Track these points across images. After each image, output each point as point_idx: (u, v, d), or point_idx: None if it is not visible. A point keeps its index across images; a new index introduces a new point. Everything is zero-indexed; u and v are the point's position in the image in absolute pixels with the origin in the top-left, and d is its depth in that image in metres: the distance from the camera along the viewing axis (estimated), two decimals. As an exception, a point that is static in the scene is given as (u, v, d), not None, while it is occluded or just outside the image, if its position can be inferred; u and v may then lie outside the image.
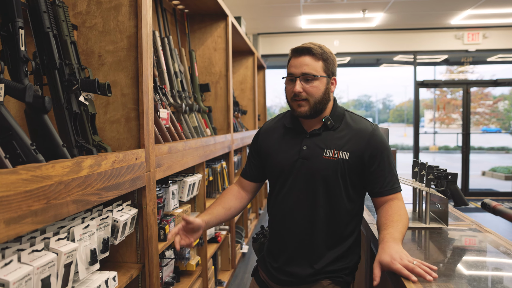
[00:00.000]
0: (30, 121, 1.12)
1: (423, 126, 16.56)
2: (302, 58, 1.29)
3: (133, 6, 1.45)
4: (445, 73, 8.14)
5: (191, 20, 3.13)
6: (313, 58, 1.29)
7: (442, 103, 14.16)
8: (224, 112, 3.22)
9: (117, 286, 1.29)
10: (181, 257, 2.10)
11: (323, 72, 1.29)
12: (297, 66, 1.29)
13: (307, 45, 1.29)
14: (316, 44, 1.31)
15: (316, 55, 1.29)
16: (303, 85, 1.28)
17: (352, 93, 22.47)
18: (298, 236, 1.32)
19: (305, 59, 1.28)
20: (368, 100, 24.70)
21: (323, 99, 1.29)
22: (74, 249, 1.03)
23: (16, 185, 0.78)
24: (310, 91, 1.28)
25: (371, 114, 24.68)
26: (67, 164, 0.96)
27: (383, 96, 24.02)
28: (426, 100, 16.66)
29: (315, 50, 1.28)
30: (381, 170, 1.28)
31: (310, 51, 1.28)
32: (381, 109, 25.32)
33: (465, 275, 1.03)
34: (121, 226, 1.32)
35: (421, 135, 6.41)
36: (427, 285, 0.95)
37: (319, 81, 1.29)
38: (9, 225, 0.76)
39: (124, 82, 1.47)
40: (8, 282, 0.78)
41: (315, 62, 1.29)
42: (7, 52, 1.07)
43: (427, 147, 16.25)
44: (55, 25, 1.26)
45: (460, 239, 1.38)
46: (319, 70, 1.28)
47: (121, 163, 1.26)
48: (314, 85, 1.28)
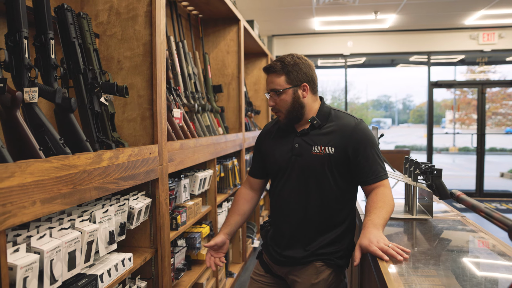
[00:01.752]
0: (58, 119, 1.29)
1: (444, 127, 16.31)
2: (269, 76, 1.47)
3: (148, 16, 1.62)
4: (466, 73, 8.09)
5: (205, 25, 3.29)
6: (275, 75, 1.45)
7: (462, 104, 13.94)
8: (236, 112, 3.37)
9: (132, 266, 1.46)
10: (192, 246, 2.26)
11: (287, 85, 1.43)
12: (267, 83, 1.48)
13: (271, 64, 1.45)
14: (281, 59, 1.44)
15: (277, 72, 1.44)
16: (274, 99, 1.45)
17: (371, 93, 22.17)
18: (294, 223, 1.46)
19: (271, 77, 1.46)
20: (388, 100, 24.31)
21: (293, 107, 1.44)
22: (95, 229, 1.19)
23: (49, 171, 0.95)
24: (279, 103, 1.45)
25: (390, 115, 24.25)
26: (90, 156, 1.13)
27: (403, 96, 23.58)
28: (448, 101, 16.42)
29: (276, 67, 1.43)
30: (365, 160, 1.40)
31: (272, 68, 1.44)
32: (400, 110, 24.87)
33: (434, 254, 1.14)
34: (136, 213, 1.48)
35: (442, 135, 6.41)
36: (397, 263, 1.10)
37: (285, 93, 1.44)
38: (44, 204, 0.93)
39: (140, 85, 1.63)
40: (42, 251, 0.95)
41: (278, 77, 1.44)
42: (40, 60, 1.25)
43: (447, 148, 16.00)
44: (80, 35, 1.43)
45: (440, 227, 1.50)
46: (282, 84, 1.44)
47: (137, 157, 1.43)
48: (281, 98, 1.44)
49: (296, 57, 1.45)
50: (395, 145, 16.56)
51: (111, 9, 1.64)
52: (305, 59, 1.47)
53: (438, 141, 16.00)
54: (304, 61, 1.46)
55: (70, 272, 1.09)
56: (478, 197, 6.53)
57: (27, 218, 0.87)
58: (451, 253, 1.19)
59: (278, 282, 1.58)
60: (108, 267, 1.31)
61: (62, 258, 1.04)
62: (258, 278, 1.61)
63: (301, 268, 1.47)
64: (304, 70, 1.45)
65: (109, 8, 1.64)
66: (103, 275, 1.26)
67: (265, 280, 1.59)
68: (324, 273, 1.44)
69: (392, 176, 1.63)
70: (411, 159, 1.66)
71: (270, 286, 1.59)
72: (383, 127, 23.44)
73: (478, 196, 6.54)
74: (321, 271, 1.44)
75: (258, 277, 1.62)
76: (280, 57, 1.46)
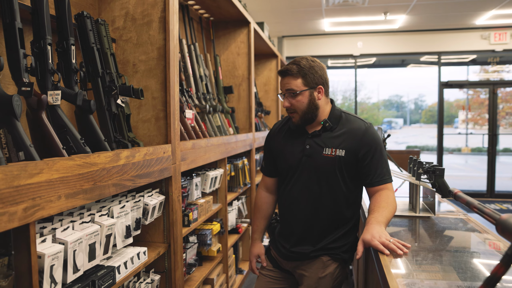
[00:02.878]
0: (79, 120, 1.37)
1: (457, 127, 16.13)
2: (285, 78, 1.51)
3: (162, 22, 1.69)
4: (479, 73, 8.03)
5: (216, 27, 3.37)
6: (292, 77, 1.49)
7: (476, 104, 13.79)
8: (246, 113, 3.44)
9: (147, 259, 1.54)
10: (203, 243, 2.33)
11: (304, 87, 1.49)
12: (282, 85, 1.53)
13: (286, 67, 1.50)
14: (296, 62, 1.50)
15: (294, 74, 1.49)
16: (290, 100, 1.50)
17: (382, 93, 21.90)
18: (303, 221, 1.52)
19: (287, 79, 1.51)
20: (400, 100, 23.99)
21: (309, 109, 1.50)
22: (113, 223, 1.27)
23: (72, 168, 1.03)
24: (296, 104, 1.50)
25: (402, 115, 23.97)
26: (109, 155, 1.21)
27: (415, 96, 23.27)
28: (461, 100, 16.23)
29: (293, 70, 1.49)
30: (373, 164, 1.46)
31: (288, 71, 1.49)
32: (412, 110, 24.53)
33: (432, 249, 1.19)
34: (151, 209, 1.56)
35: (454, 136, 6.38)
36: (397, 257, 1.16)
37: (301, 95, 1.49)
38: (68, 199, 1.01)
39: (154, 87, 1.71)
40: (67, 242, 1.03)
41: (295, 80, 1.49)
42: (62, 64, 1.33)
43: (459, 149, 15.82)
44: (98, 40, 1.52)
45: (441, 225, 1.55)
46: (299, 86, 1.49)
47: (151, 156, 1.50)
48: (298, 99, 1.49)
49: (311, 60, 1.52)
50: (406, 145, 16.43)
51: (127, 15, 1.72)
52: (318, 62, 1.53)
53: (451, 142, 15.82)
54: (318, 64, 1.52)
55: (91, 262, 1.16)
56: (489, 198, 6.49)
57: (53, 211, 0.95)
58: (449, 249, 1.24)
59: (286, 276, 1.64)
60: (125, 260, 1.38)
61: (84, 249, 1.12)
62: (267, 273, 1.68)
63: (309, 263, 1.53)
64: (319, 72, 1.51)
65: (125, 14, 1.72)
66: (120, 267, 1.34)
67: (273, 274, 1.66)
68: (330, 267, 1.50)
69: (397, 175, 1.68)
70: (415, 159, 1.70)
71: (278, 280, 1.65)
72: (394, 127, 23.24)
73: (489, 197, 6.50)
74: (328, 265, 1.50)
75: (267, 272, 1.68)
76: (295, 60, 1.51)
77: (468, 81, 6.63)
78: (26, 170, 0.87)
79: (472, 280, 0.97)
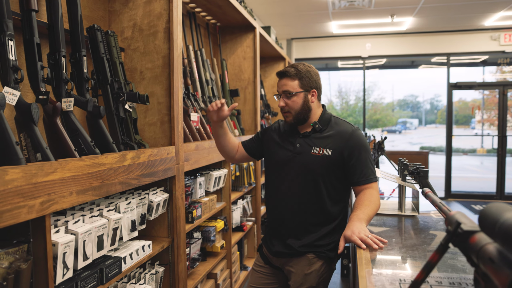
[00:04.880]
0: (89, 124, 1.51)
1: (474, 127, 15.94)
2: (283, 79, 1.63)
3: (167, 32, 1.83)
4: (495, 73, 7.99)
5: (222, 32, 3.50)
6: (289, 79, 1.62)
7: (491, 104, 13.63)
8: (252, 115, 3.57)
9: (151, 252, 1.67)
10: (207, 239, 2.46)
11: (299, 88, 1.61)
12: (280, 86, 1.65)
13: (285, 69, 1.62)
14: (294, 65, 1.62)
15: (291, 76, 1.61)
16: (285, 100, 1.61)
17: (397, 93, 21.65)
18: (290, 218, 1.63)
19: (285, 80, 1.62)
20: (415, 100, 23.62)
21: (303, 110, 1.61)
22: (119, 218, 1.41)
23: (83, 168, 1.16)
24: (290, 105, 1.61)
25: (417, 115, 23.62)
26: (115, 156, 1.34)
27: (430, 96, 22.92)
28: (478, 100, 16.01)
29: (291, 72, 1.61)
30: (358, 164, 1.56)
31: (286, 73, 1.62)
32: (428, 110, 24.12)
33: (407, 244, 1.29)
34: (155, 206, 1.69)
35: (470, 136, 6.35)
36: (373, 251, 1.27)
37: (297, 96, 1.61)
38: (79, 195, 1.15)
39: (159, 93, 1.84)
40: (77, 233, 1.17)
41: (292, 81, 1.61)
42: (74, 74, 1.48)
43: (474, 150, 15.61)
44: (107, 50, 1.66)
45: (422, 223, 1.65)
46: (295, 88, 1.61)
47: (156, 157, 1.64)
48: (293, 100, 1.61)
49: (308, 66, 1.65)
50: (420, 146, 16.30)
51: (134, 26, 1.86)
52: (314, 68, 1.66)
53: (466, 143, 15.63)
54: (314, 69, 1.65)
55: (99, 252, 1.30)
56: (498, 199, 6.46)
57: (66, 205, 1.09)
58: (423, 244, 1.34)
59: (276, 273, 1.75)
60: (130, 251, 1.52)
61: (93, 240, 1.26)
62: (259, 269, 1.79)
63: (296, 260, 1.63)
64: (314, 77, 1.63)
65: (133, 25, 1.86)
66: (125, 258, 1.48)
67: (265, 271, 1.77)
68: (316, 264, 1.60)
69: (385, 176, 1.78)
70: (402, 161, 1.80)
71: (269, 276, 1.76)
72: (409, 128, 22.99)
73: (499, 198, 6.48)
74: (313, 262, 1.61)
75: (259, 268, 1.79)
76: (293, 64, 1.64)
77: (476, 82, 6.61)
78: (42, 169, 1.01)
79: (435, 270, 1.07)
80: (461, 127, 16.70)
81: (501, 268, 0.52)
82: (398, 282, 0.97)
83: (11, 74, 1.14)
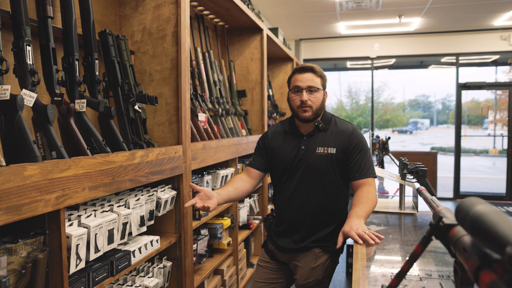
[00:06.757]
0: (101, 124, 1.59)
1: (487, 128, 15.75)
2: (306, 74, 1.66)
3: (175, 36, 1.90)
4: (509, 73, 7.93)
5: (230, 34, 3.56)
6: (315, 75, 1.67)
7: (504, 104, 13.46)
8: (259, 115, 3.63)
9: (159, 247, 1.74)
10: (214, 236, 2.53)
11: (321, 86, 1.68)
12: (303, 80, 1.67)
13: (310, 64, 1.68)
14: (313, 65, 1.69)
15: (316, 73, 1.67)
16: (308, 95, 1.65)
17: (408, 93, 21.47)
18: (298, 216, 1.69)
19: (309, 75, 1.66)
20: (427, 100, 23.30)
21: (321, 107, 1.69)
22: (129, 213, 1.48)
23: (95, 165, 1.24)
24: (313, 100, 1.66)
25: (429, 115, 23.31)
26: (125, 154, 1.42)
27: (442, 96, 22.64)
28: (491, 100, 15.81)
29: (316, 69, 1.68)
30: (358, 160, 1.63)
31: (313, 69, 1.67)
32: (440, 110, 23.78)
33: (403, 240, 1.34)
34: (163, 202, 1.76)
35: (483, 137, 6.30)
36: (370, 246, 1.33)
37: (319, 93, 1.67)
38: (91, 191, 1.22)
39: (168, 94, 1.92)
40: (89, 226, 1.24)
41: (316, 78, 1.67)
42: (87, 76, 1.55)
43: (487, 150, 15.43)
44: (118, 54, 1.73)
45: (420, 220, 1.70)
46: (319, 84, 1.67)
47: (164, 155, 1.71)
48: (315, 96, 1.66)
49: None
50: (431, 147, 16.15)
51: (144, 30, 1.94)
52: None
53: (478, 143, 15.46)
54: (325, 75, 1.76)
55: (109, 246, 1.37)
56: (508, 200, 6.42)
57: (79, 200, 1.16)
58: (418, 239, 1.38)
59: (282, 268, 1.81)
60: (139, 246, 1.59)
61: (104, 234, 1.33)
62: (264, 265, 1.85)
63: (302, 254, 1.69)
64: (325, 79, 1.74)
65: (142, 29, 1.94)
66: (135, 251, 1.55)
67: (270, 266, 1.83)
68: (321, 258, 1.66)
69: (385, 175, 1.83)
70: (402, 160, 1.84)
71: (274, 271, 1.82)
72: (420, 128, 22.79)
73: (509, 199, 6.43)
74: (319, 256, 1.67)
75: (264, 263, 1.85)
76: (308, 64, 1.70)
77: (486, 82, 6.57)
78: (57, 166, 1.08)
79: (425, 265, 1.12)
80: (474, 127, 16.52)
81: (471, 256, 0.57)
82: (390, 275, 1.03)
83: (29, 78, 1.22)
